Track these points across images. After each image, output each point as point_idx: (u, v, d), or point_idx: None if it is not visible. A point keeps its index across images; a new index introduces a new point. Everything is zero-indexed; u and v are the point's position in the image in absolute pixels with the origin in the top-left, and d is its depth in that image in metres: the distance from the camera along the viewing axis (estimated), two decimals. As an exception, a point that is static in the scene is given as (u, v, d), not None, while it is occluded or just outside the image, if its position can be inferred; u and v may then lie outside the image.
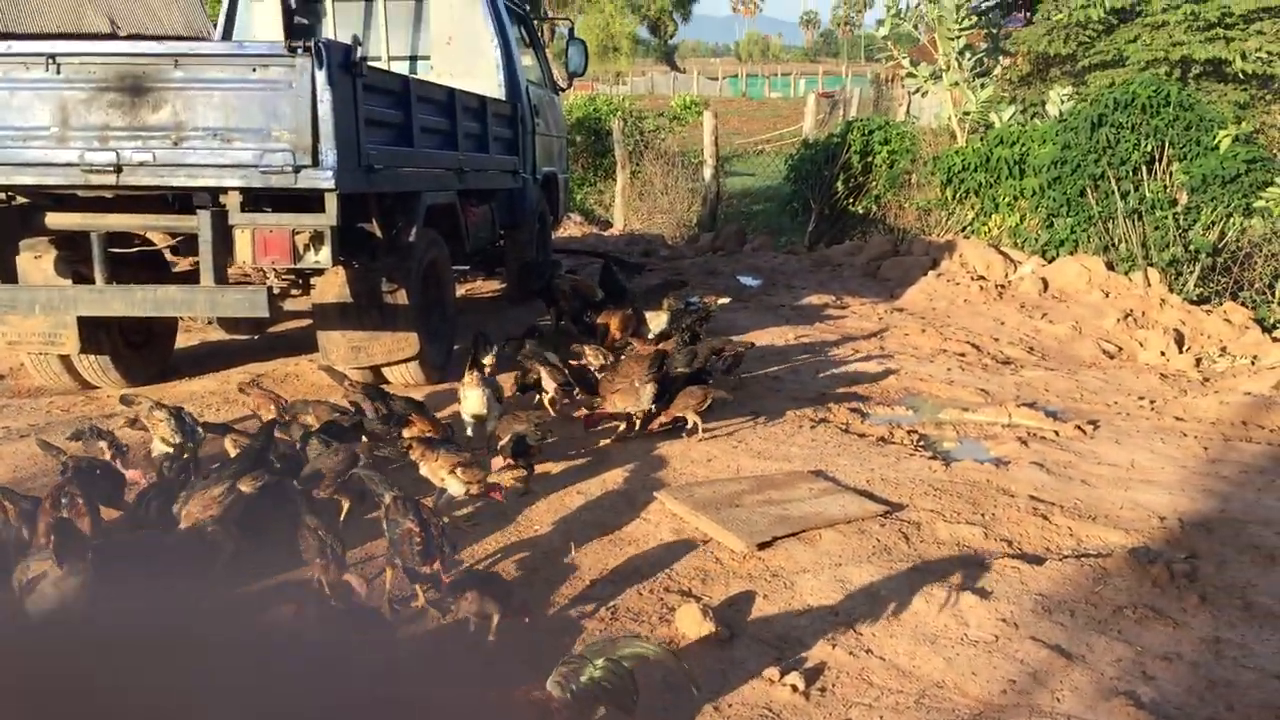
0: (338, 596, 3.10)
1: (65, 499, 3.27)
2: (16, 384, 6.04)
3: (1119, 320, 7.96)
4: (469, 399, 4.74)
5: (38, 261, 5.21)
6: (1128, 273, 8.90)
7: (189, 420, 4.24)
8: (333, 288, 5.41)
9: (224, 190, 4.64)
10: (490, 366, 5.35)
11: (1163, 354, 7.26)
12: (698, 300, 6.89)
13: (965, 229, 10.87)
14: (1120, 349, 7.51)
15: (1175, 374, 6.79)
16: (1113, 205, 9.23)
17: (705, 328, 6.31)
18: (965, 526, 4.00)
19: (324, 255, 4.70)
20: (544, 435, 4.35)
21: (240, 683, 2.06)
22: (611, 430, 5.04)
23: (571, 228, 14.02)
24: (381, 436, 4.34)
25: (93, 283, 5.02)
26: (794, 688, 2.84)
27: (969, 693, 2.87)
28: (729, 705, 2.79)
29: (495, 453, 4.22)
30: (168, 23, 10.49)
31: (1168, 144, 9.13)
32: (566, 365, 5.26)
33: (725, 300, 7.39)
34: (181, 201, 5.00)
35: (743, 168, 19.83)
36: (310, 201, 4.62)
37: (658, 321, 6.39)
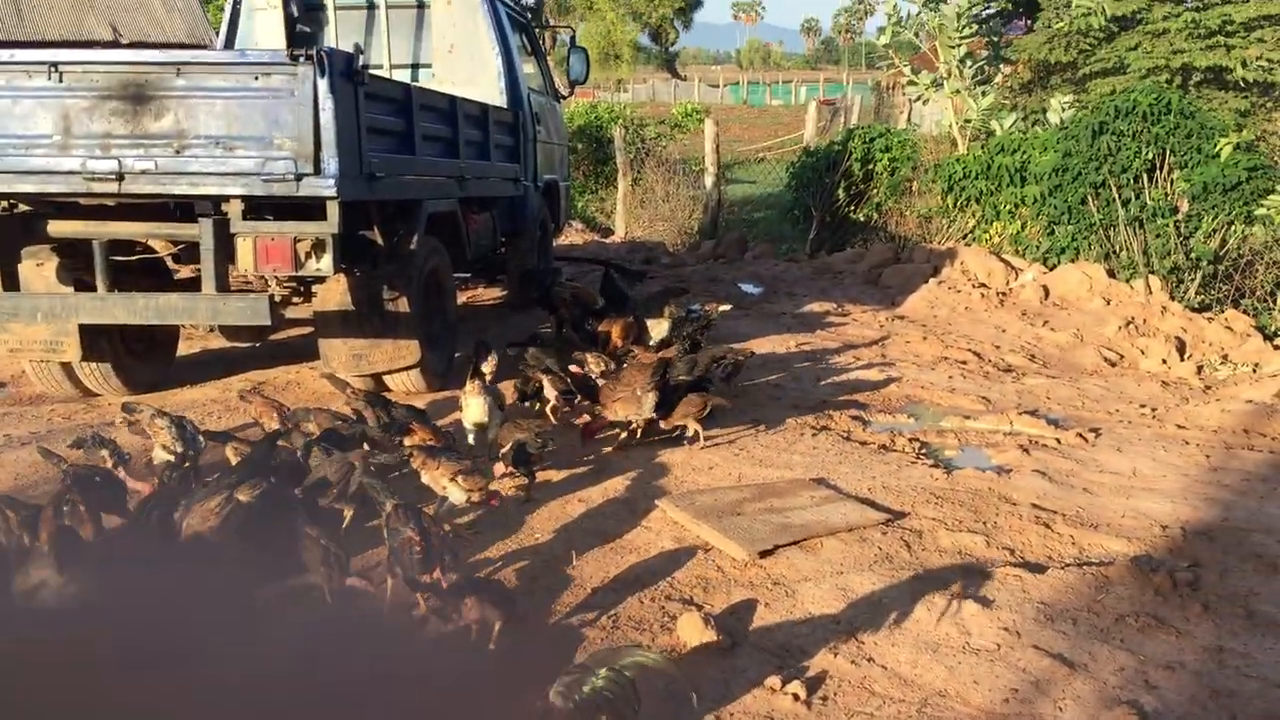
0: (340, 605, 3.09)
1: (66, 507, 3.27)
2: (18, 391, 6.05)
3: (1120, 328, 7.95)
4: (470, 407, 4.73)
5: (40, 269, 5.23)
6: (1129, 280, 8.89)
7: (190, 428, 4.24)
8: (334, 295, 5.42)
9: (226, 198, 4.64)
10: (491, 374, 5.34)
11: (1164, 362, 7.26)
12: (699, 308, 6.87)
13: (966, 236, 10.86)
14: (1122, 356, 7.50)
15: (1177, 382, 6.78)
16: (1114, 213, 9.22)
17: (707, 335, 6.30)
18: (967, 535, 3.99)
19: (325, 263, 4.70)
20: (545, 443, 4.36)
21: (235, 694, 2.06)
22: (612, 438, 5.04)
23: (573, 235, 14.03)
24: (383, 444, 4.33)
25: (94, 290, 5.03)
26: (796, 696, 2.84)
27: (971, 702, 2.86)
28: (731, 714, 2.78)
29: (497, 460, 4.22)
30: (170, 31, 10.53)
31: (1169, 152, 9.12)
32: (568, 373, 5.27)
33: (726, 308, 7.37)
34: (183, 209, 5.00)
35: (744, 175, 19.81)
36: (312, 209, 4.62)
37: (659, 329, 6.38)
